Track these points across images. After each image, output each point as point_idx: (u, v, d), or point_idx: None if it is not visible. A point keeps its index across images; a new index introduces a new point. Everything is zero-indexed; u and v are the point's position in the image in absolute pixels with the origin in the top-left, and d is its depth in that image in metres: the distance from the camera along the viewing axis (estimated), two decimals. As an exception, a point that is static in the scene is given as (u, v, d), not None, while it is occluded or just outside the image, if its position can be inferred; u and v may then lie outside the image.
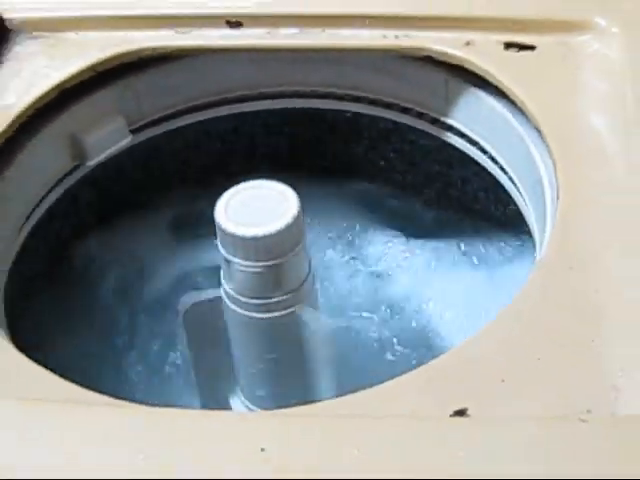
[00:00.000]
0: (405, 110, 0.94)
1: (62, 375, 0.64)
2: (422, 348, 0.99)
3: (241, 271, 0.77)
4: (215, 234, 0.75)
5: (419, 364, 0.64)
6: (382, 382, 0.62)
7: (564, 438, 0.56)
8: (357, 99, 0.95)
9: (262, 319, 0.81)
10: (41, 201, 0.88)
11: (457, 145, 0.92)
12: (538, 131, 0.79)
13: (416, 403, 0.60)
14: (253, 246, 0.75)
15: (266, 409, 0.84)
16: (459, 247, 1.04)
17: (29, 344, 0.72)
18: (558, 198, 0.72)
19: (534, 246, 0.80)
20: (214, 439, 0.58)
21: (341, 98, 0.95)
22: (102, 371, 0.95)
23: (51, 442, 0.58)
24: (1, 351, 0.67)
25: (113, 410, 0.61)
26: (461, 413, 0.58)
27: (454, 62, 0.85)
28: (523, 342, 0.63)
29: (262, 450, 0.55)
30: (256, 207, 0.76)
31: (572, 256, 0.68)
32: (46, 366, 0.65)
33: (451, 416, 0.58)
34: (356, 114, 0.96)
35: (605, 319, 0.63)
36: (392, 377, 0.62)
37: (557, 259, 0.68)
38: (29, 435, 0.58)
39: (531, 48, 0.84)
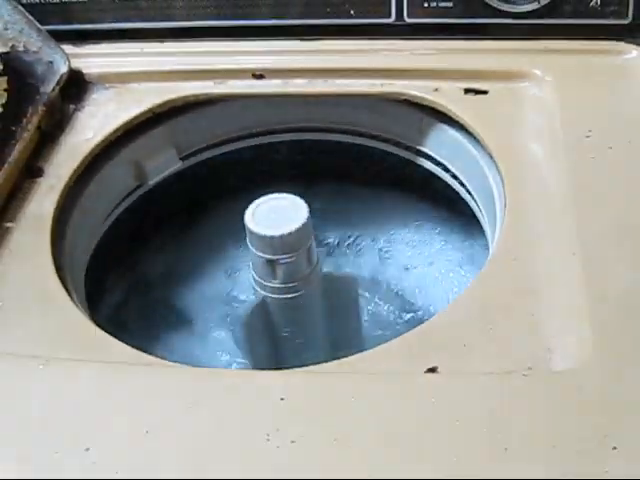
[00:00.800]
0: (387, 140, 0.93)
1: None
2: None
3: (265, 262, 0.77)
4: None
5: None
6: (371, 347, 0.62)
7: (510, 389, 0.56)
8: (351, 132, 0.95)
9: (280, 299, 0.81)
10: (112, 211, 0.88)
11: (427, 167, 0.91)
12: (490, 156, 0.78)
13: (398, 363, 0.60)
14: (274, 243, 0.75)
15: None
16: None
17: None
18: (505, 206, 0.71)
19: (487, 243, 0.80)
20: (244, 390, 0.57)
21: (339, 132, 0.95)
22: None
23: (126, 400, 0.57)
24: (77, 321, 0.66)
25: (169, 370, 0.61)
26: (433, 370, 0.58)
27: (426, 104, 0.85)
28: (479, 315, 0.62)
29: (281, 399, 0.56)
30: (276, 213, 0.76)
31: (516, 250, 0.67)
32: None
33: (425, 372, 0.58)
34: (351, 144, 0.96)
35: (541, 297, 0.63)
36: (378, 344, 0.62)
37: (504, 252, 0.67)
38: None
39: (484, 92, 0.84)
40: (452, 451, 0.52)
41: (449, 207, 0.98)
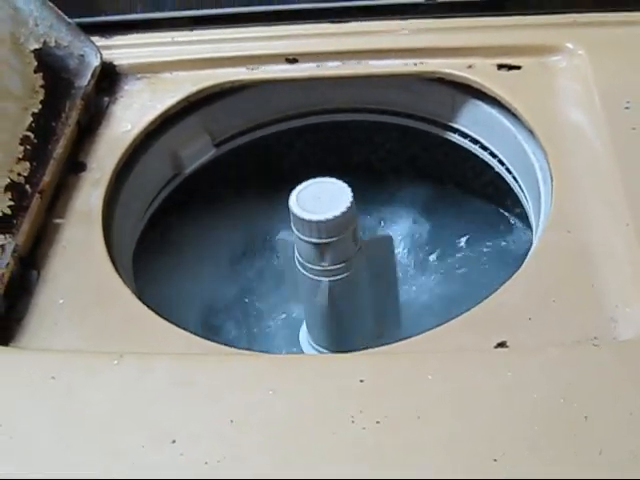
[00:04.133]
0: (422, 119, 0.93)
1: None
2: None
3: (311, 245, 0.77)
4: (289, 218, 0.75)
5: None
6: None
7: (581, 358, 0.57)
8: (385, 112, 0.95)
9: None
10: (154, 199, 0.88)
11: (461, 144, 0.92)
12: (528, 130, 0.79)
13: (467, 340, 0.61)
14: (318, 227, 0.75)
15: (325, 348, 0.85)
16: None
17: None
18: (552, 179, 0.72)
19: (529, 218, 0.81)
20: (323, 374, 0.58)
21: (373, 111, 0.95)
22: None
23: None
24: (141, 314, 0.66)
25: (245, 358, 0.62)
26: (502, 345, 0.59)
27: (459, 81, 0.85)
28: (541, 289, 0.64)
29: (361, 381, 0.57)
30: (320, 197, 0.75)
31: (569, 222, 0.68)
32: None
33: (495, 347, 0.59)
34: (385, 123, 0.96)
35: (599, 268, 0.64)
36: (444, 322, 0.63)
37: (558, 225, 0.68)
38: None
39: (518, 68, 0.84)
40: (535, 422, 0.53)
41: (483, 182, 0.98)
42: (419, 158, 1.02)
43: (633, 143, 0.73)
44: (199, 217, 1.00)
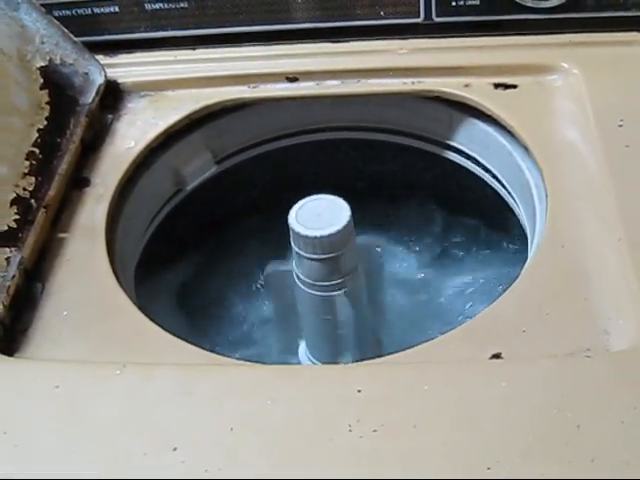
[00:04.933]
0: (419, 137, 0.95)
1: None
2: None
3: (308, 261, 0.78)
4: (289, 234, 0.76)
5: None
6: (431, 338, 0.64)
7: (574, 370, 0.58)
8: (383, 130, 0.97)
9: (322, 297, 0.82)
10: (155, 216, 0.90)
11: (457, 161, 0.93)
12: (524, 147, 0.80)
13: (463, 351, 0.62)
14: (317, 243, 0.76)
15: (323, 362, 0.86)
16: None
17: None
18: (547, 196, 0.74)
19: (525, 232, 0.82)
20: (320, 384, 0.60)
21: (372, 129, 0.97)
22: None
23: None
24: (144, 326, 0.68)
25: (244, 369, 0.63)
26: (497, 356, 0.61)
27: (457, 100, 0.87)
28: (535, 302, 0.65)
29: (358, 391, 0.58)
30: (319, 214, 0.77)
31: (563, 237, 0.69)
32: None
33: (490, 358, 0.61)
34: (383, 142, 0.98)
35: (592, 282, 0.65)
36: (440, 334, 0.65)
37: (552, 240, 0.70)
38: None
39: (514, 87, 0.86)
40: (529, 431, 0.54)
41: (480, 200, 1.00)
42: (415, 174, 1.04)
43: (626, 160, 0.74)
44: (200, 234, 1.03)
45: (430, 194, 1.06)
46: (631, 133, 0.76)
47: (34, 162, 0.76)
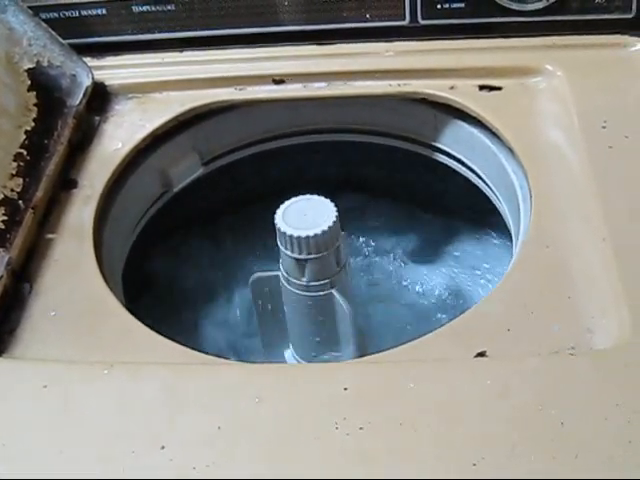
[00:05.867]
0: (405, 138, 0.96)
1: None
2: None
3: (294, 261, 0.79)
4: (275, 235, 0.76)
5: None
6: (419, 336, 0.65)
7: (559, 367, 0.59)
8: (369, 132, 0.97)
9: (308, 297, 0.83)
10: (142, 217, 0.90)
11: (443, 161, 0.94)
12: (508, 148, 0.81)
13: (448, 350, 0.63)
14: (303, 243, 0.76)
15: (309, 361, 0.87)
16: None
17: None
18: (531, 197, 0.74)
19: (510, 232, 0.83)
20: (307, 382, 0.60)
21: (358, 131, 0.97)
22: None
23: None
24: (132, 326, 0.68)
25: (232, 367, 0.63)
26: (482, 355, 0.61)
27: (442, 101, 0.87)
28: (520, 301, 0.65)
29: (345, 389, 0.58)
30: (305, 214, 0.77)
31: (547, 237, 0.70)
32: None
33: (475, 357, 0.61)
34: (369, 143, 0.98)
35: (576, 281, 0.66)
36: (426, 332, 0.65)
37: (537, 240, 0.70)
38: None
39: (499, 89, 0.86)
40: (513, 428, 0.55)
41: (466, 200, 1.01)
42: (401, 176, 1.04)
43: (610, 161, 0.75)
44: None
45: (414, 194, 1.07)
46: (614, 134, 0.77)
47: (22, 163, 0.77)
